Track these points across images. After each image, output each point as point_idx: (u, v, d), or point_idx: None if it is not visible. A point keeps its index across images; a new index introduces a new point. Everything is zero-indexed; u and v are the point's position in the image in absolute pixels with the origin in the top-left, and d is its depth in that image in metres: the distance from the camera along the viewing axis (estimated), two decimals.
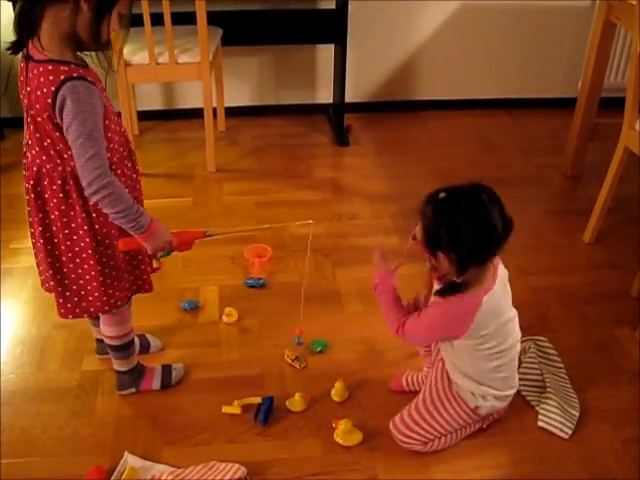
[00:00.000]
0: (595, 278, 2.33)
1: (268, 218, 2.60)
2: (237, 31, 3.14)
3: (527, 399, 1.81)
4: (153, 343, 1.98)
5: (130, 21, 1.45)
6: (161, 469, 1.60)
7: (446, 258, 1.46)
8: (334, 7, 3.22)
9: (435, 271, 1.55)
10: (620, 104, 2.31)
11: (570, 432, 1.71)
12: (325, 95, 3.56)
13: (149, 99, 3.44)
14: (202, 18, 2.61)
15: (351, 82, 3.33)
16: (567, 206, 2.83)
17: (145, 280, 1.70)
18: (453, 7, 3.38)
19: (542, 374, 1.87)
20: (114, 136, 1.48)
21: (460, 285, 1.49)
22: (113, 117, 1.48)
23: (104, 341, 1.75)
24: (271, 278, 2.30)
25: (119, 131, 1.52)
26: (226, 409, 1.76)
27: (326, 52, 3.41)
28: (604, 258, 2.44)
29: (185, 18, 2.68)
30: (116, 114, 1.51)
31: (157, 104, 3.49)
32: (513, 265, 1.70)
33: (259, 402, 1.76)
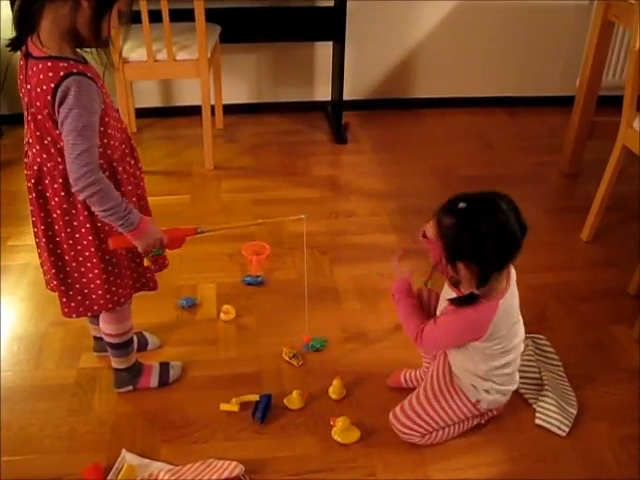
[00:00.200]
0: (593, 276, 2.34)
1: (266, 215, 2.58)
2: (235, 28, 3.13)
3: (525, 397, 1.81)
4: (151, 341, 1.98)
5: (130, 19, 1.45)
6: (159, 467, 1.60)
7: (467, 269, 1.45)
8: (332, 4, 3.22)
9: (450, 279, 1.55)
10: (618, 102, 2.31)
11: (567, 430, 1.71)
12: (323, 93, 3.56)
13: (147, 96, 3.43)
14: (200, 15, 2.61)
15: (349, 80, 3.32)
16: (565, 204, 2.83)
17: (149, 278, 1.69)
18: (451, 5, 3.38)
19: (540, 372, 1.87)
20: (115, 133, 1.48)
21: (477, 297, 1.48)
22: (113, 113, 1.48)
23: (103, 339, 1.75)
24: (269, 276, 2.30)
25: (120, 128, 1.51)
26: (224, 407, 1.76)
27: (324, 50, 3.40)
28: (602, 256, 2.44)
29: (183, 15, 2.68)
30: (116, 111, 1.51)
31: (155, 101, 3.48)
32: None
33: (257, 400, 1.76)
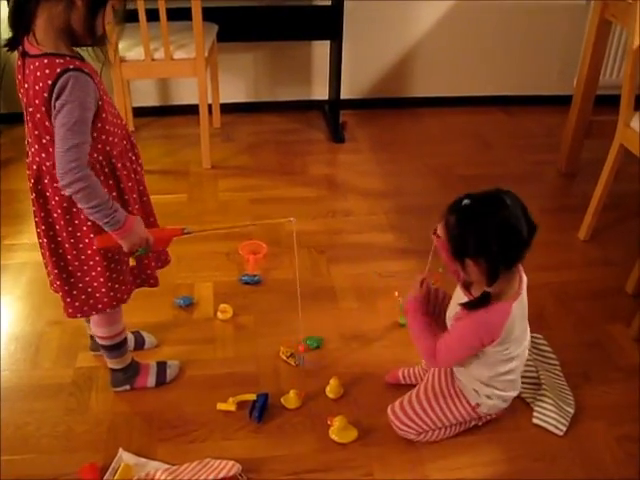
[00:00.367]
0: (590, 275, 2.34)
1: (263, 214, 2.59)
2: (233, 27, 3.13)
3: (522, 396, 1.80)
4: (148, 340, 1.97)
5: (125, 16, 1.44)
6: (155, 466, 1.60)
7: (475, 266, 1.44)
8: (330, 3, 3.21)
9: (461, 281, 1.56)
10: (615, 101, 2.32)
11: (565, 429, 1.71)
12: (320, 92, 3.55)
13: (144, 95, 3.43)
14: (197, 14, 2.60)
15: (347, 79, 3.32)
16: (562, 203, 2.83)
17: (149, 275, 1.69)
18: (448, 4, 3.38)
19: (537, 371, 1.87)
20: (113, 129, 1.47)
21: (489, 296, 1.47)
22: (112, 110, 1.47)
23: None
24: (266, 275, 2.29)
25: (119, 124, 1.51)
26: (221, 406, 1.76)
27: (322, 49, 3.40)
28: (599, 255, 2.44)
29: (180, 14, 2.68)
30: (115, 107, 1.50)
31: (152, 100, 3.48)
32: None
33: (254, 399, 1.75)
